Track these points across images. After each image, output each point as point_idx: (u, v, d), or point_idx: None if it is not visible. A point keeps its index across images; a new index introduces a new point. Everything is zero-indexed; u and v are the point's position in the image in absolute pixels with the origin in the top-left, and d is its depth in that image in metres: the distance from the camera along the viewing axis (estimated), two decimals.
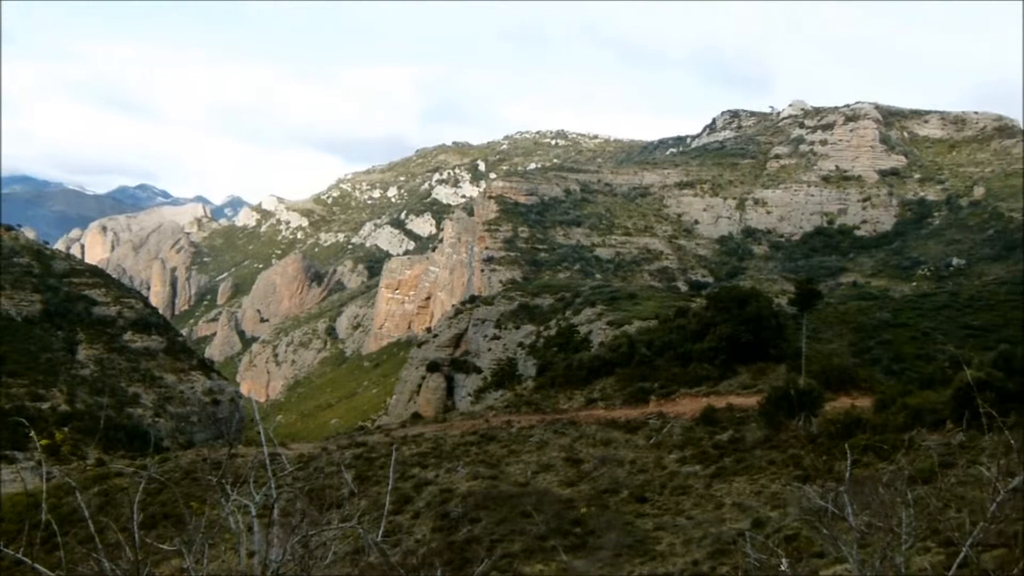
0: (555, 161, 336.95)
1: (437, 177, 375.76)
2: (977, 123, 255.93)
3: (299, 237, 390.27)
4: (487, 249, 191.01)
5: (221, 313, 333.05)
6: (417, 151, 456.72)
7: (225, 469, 10.05)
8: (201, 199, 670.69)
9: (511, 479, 42.08)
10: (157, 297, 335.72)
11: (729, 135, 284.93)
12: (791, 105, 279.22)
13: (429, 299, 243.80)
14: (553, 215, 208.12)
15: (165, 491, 37.79)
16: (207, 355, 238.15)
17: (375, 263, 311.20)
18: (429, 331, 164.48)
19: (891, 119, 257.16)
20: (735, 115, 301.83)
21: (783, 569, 10.76)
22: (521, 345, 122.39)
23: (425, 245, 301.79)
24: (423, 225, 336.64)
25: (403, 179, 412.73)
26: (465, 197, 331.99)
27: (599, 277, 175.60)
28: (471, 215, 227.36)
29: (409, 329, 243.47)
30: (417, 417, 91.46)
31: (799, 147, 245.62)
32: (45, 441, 9.99)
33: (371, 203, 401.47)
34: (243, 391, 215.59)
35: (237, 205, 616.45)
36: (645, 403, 60.17)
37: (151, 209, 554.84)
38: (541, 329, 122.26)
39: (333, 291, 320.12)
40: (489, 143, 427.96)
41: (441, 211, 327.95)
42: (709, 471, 39.60)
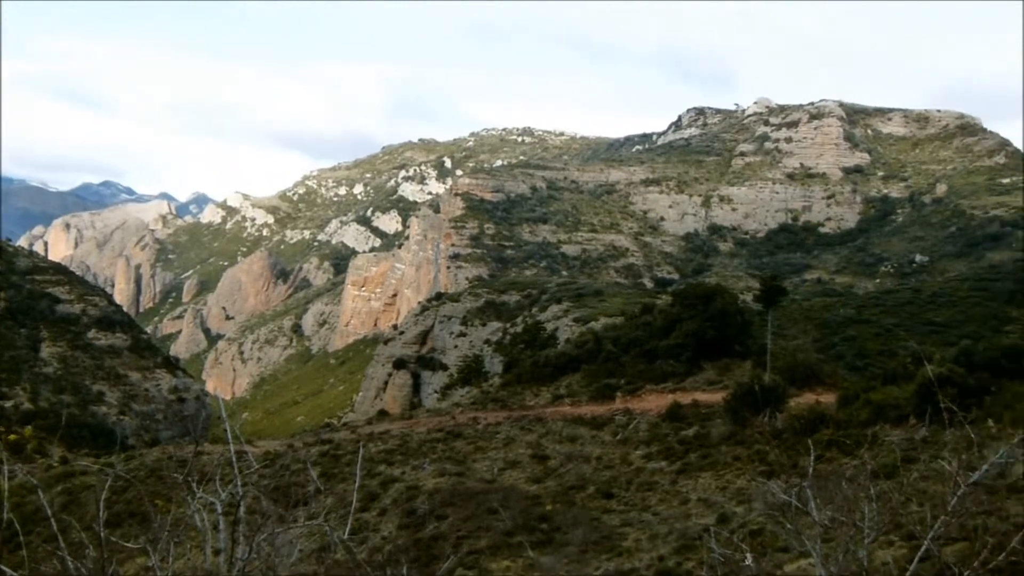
0: (521, 158, 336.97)
1: (403, 174, 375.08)
2: (940, 121, 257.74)
3: (265, 234, 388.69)
4: (453, 246, 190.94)
5: (186, 310, 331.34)
6: (383, 148, 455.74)
7: (191, 467, 10.04)
8: (166, 196, 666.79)
9: (477, 476, 42.08)
10: (121, 294, 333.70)
11: (695, 132, 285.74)
12: (756, 103, 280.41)
13: (395, 296, 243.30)
14: (519, 212, 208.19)
15: (130, 489, 37.51)
16: (172, 353, 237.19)
17: (341, 260, 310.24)
18: (395, 328, 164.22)
19: (855, 117, 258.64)
20: (701, 112, 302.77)
21: (747, 564, 10.82)
22: (487, 342, 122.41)
23: (391, 242, 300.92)
24: (389, 222, 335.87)
25: (369, 176, 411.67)
26: (431, 194, 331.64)
27: (565, 274, 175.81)
28: (437, 212, 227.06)
29: (375, 326, 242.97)
30: (383, 414, 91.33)
31: (764, 144, 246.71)
32: (13, 436, 9.94)
33: (337, 200, 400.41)
34: (208, 389, 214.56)
35: (202, 202, 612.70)
36: (611, 400, 60.30)
37: (115, 206, 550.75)
38: (507, 326, 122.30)
39: (299, 288, 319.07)
40: (455, 140, 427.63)
41: (407, 208, 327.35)
42: (675, 467, 39.74)
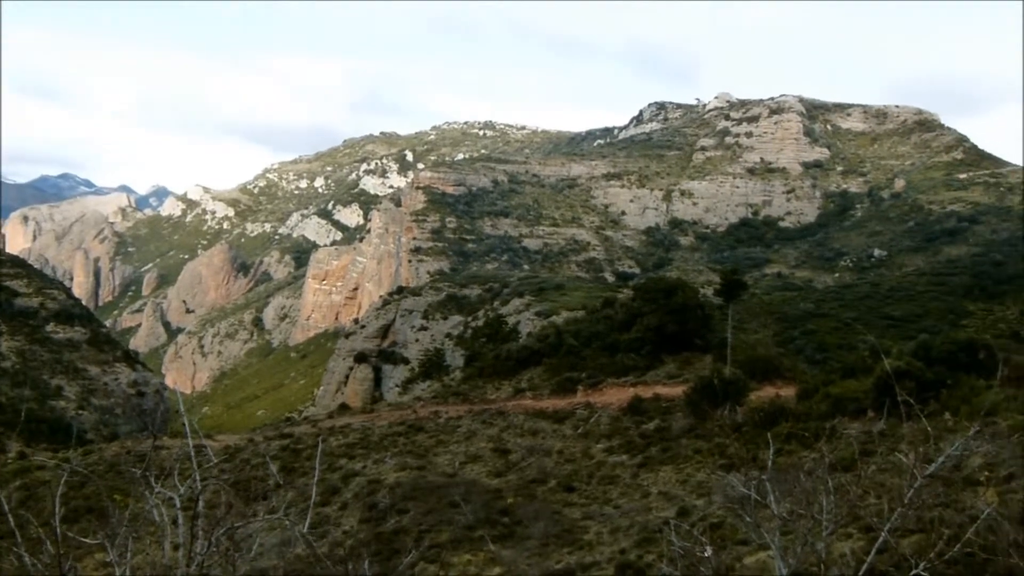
0: (483, 152, 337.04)
1: (365, 167, 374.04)
2: (898, 116, 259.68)
3: (225, 227, 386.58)
4: (415, 240, 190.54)
5: (146, 304, 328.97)
6: (345, 141, 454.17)
7: (149, 461, 9.99)
8: (125, 188, 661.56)
9: (439, 469, 42.06)
10: (80, 288, 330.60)
11: (656, 127, 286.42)
12: (717, 97, 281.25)
13: (356, 290, 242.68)
14: (481, 206, 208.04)
15: (88, 484, 37.28)
16: (132, 347, 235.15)
17: (302, 254, 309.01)
18: (356, 322, 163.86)
19: (815, 112, 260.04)
20: (662, 107, 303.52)
21: (707, 557, 10.88)
22: (449, 336, 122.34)
23: (353, 236, 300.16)
24: (350, 216, 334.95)
25: (330, 169, 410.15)
26: (393, 187, 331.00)
27: (527, 268, 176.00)
28: (399, 206, 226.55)
29: (336, 320, 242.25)
30: (344, 408, 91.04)
31: (725, 139, 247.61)
32: None
33: (298, 193, 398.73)
34: (168, 383, 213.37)
35: (162, 195, 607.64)
36: (573, 393, 60.40)
37: (74, 199, 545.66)
38: (469, 320, 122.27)
39: (260, 282, 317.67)
40: (417, 133, 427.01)
41: (369, 201, 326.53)
42: (636, 460, 39.87)
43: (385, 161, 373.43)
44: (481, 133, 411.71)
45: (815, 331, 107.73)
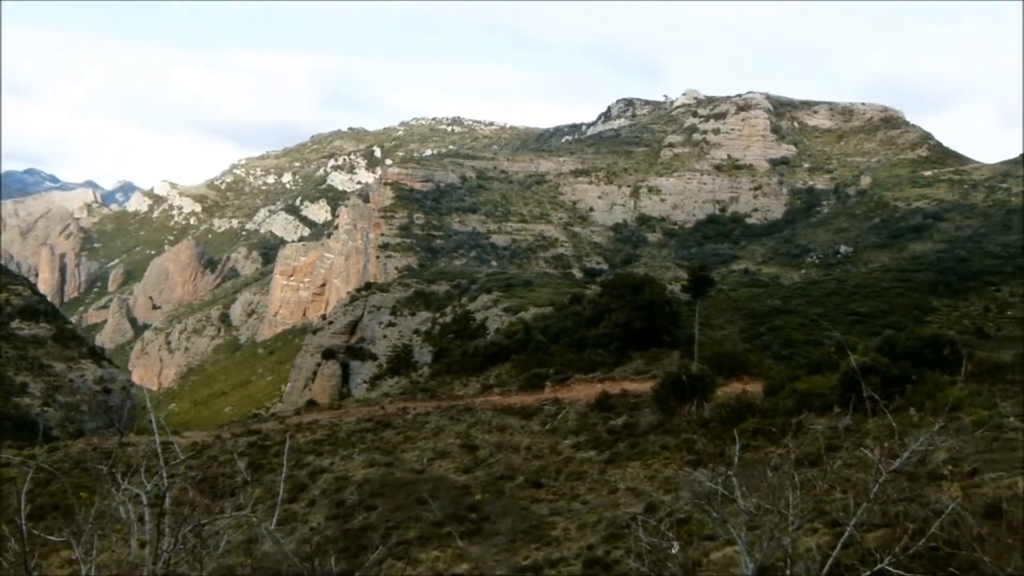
0: (451, 148, 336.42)
1: (332, 163, 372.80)
2: (864, 114, 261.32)
3: (192, 223, 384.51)
4: (383, 236, 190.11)
5: (112, 300, 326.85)
6: (312, 137, 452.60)
7: (116, 458, 9.94)
8: (91, 184, 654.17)
9: (407, 466, 42.00)
10: (46, 284, 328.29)
11: (624, 123, 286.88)
12: (684, 94, 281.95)
13: (324, 286, 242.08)
14: (449, 202, 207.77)
15: (54, 481, 36.97)
16: (98, 343, 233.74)
17: (270, 250, 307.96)
18: (324, 318, 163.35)
19: (782, 109, 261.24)
20: (630, 104, 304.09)
21: (674, 552, 10.91)
22: (417, 332, 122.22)
23: (320, 232, 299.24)
24: (318, 211, 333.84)
25: (298, 165, 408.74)
26: (361, 183, 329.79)
27: (495, 264, 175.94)
28: (366, 202, 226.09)
29: (304, 316, 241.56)
30: (312, 404, 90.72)
31: (692, 136, 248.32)
32: None
33: (265, 189, 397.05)
34: (135, 379, 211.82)
35: (129, 190, 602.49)
36: (540, 389, 60.45)
37: (39, 194, 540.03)
38: (437, 316, 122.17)
39: (227, 278, 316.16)
40: (385, 129, 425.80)
41: (336, 197, 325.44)
42: (603, 456, 39.94)
43: (353, 157, 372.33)
44: (449, 129, 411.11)
45: (782, 327, 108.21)
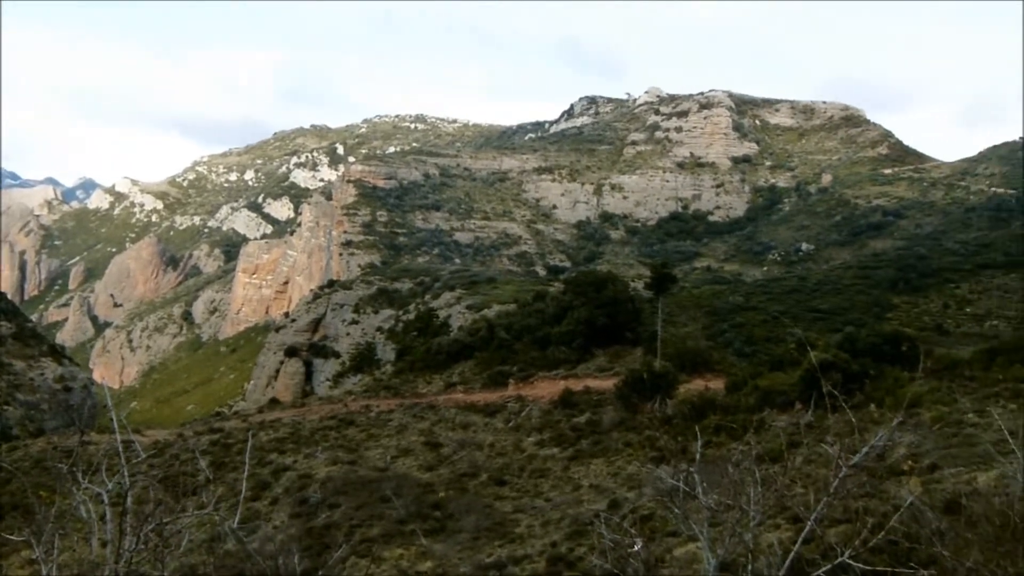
0: (414, 145, 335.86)
1: (295, 160, 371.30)
2: (825, 112, 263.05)
3: (154, 220, 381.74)
4: (345, 233, 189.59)
5: (73, 298, 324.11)
6: (275, 134, 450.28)
7: (76, 457, 9.90)
8: (52, 181, 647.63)
9: (370, 464, 41.97)
10: (5, 282, 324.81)
11: (587, 121, 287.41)
12: (647, 92, 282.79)
13: (287, 283, 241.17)
14: (412, 199, 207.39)
15: (14, 481, 36.68)
16: (58, 341, 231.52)
17: (232, 247, 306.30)
18: (287, 316, 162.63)
19: (743, 107, 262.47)
20: (593, 101, 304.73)
21: (636, 549, 10.96)
22: (380, 329, 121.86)
23: (283, 229, 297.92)
24: (281, 209, 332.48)
25: (260, 162, 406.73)
26: (323, 181, 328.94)
27: (458, 261, 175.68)
28: (329, 199, 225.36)
29: (267, 314, 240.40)
30: (275, 402, 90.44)
31: (655, 134, 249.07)
32: None
33: (228, 186, 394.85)
34: (96, 378, 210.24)
35: (90, 187, 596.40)
36: (504, 386, 60.57)
37: None
38: (400, 313, 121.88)
39: (189, 275, 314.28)
40: (348, 126, 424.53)
41: (299, 195, 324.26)
42: (567, 453, 40.06)
43: (316, 154, 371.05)
44: (412, 126, 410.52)
45: (744, 324, 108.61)
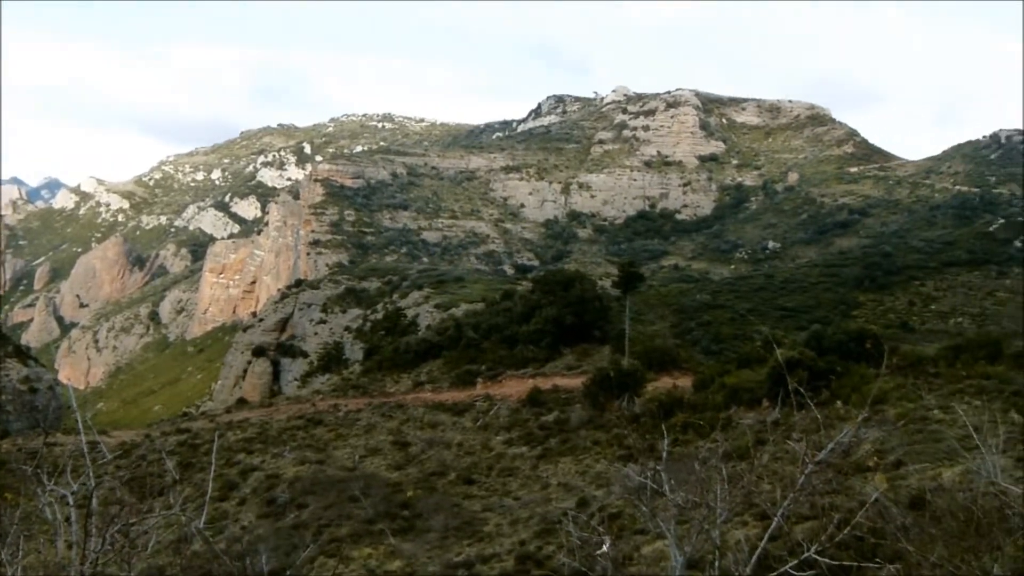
0: (381, 144, 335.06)
1: (262, 159, 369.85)
2: (791, 111, 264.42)
3: (120, 220, 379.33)
4: (313, 232, 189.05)
5: (38, 298, 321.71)
6: (242, 133, 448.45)
7: (41, 459, 9.83)
8: (16, 180, 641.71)
9: (338, 463, 41.90)
10: None
11: (554, 120, 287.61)
12: (615, 91, 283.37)
13: (254, 283, 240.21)
14: (380, 198, 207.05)
15: None
16: (23, 342, 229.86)
17: (199, 247, 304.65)
18: (254, 315, 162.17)
19: (710, 106, 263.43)
20: (560, 100, 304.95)
21: (605, 548, 10.99)
22: (348, 329, 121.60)
23: (250, 228, 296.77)
24: (248, 208, 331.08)
25: (227, 161, 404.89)
26: (291, 180, 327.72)
27: (426, 260, 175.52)
28: (297, 198, 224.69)
29: (234, 313, 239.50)
30: (243, 402, 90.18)
31: (622, 132, 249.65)
32: None
33: (194, 185, 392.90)
34: (62, 378, 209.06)
35: (55, 187, 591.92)
36: (472, 385, 60.57)
37: None
38: (368, 313, 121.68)
39: (156, 275, 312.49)
40: (315, 125, 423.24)
41: (266, 194, 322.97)
42: (535, 452, 40.13)
43: (283, 153, 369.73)
44: (380, 125, 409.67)
45: (711, 322, 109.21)
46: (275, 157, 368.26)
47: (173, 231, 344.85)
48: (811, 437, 10.68)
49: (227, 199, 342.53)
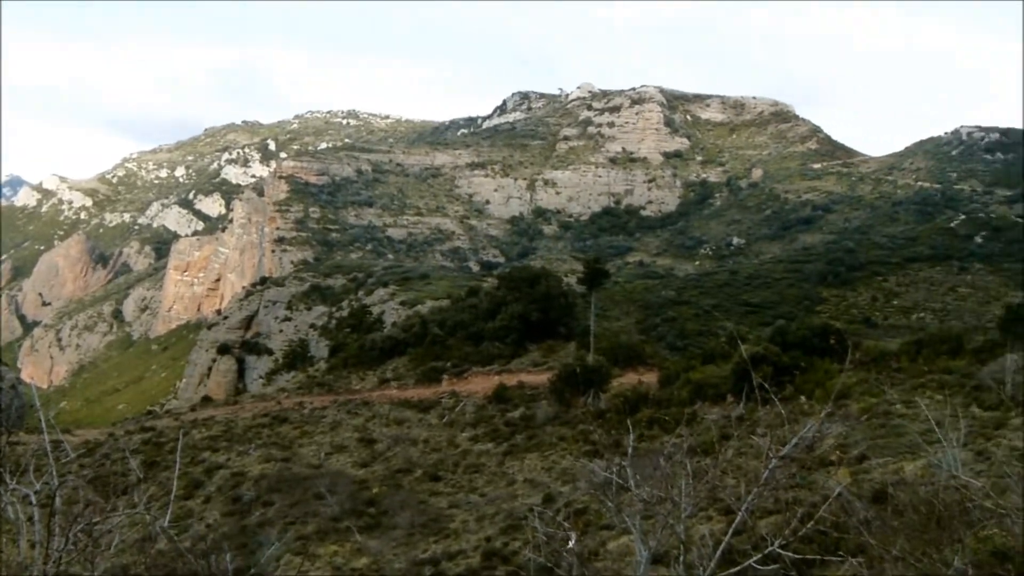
0: (346, 141, 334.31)
1: (226, 157, 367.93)
2: (755, 108, 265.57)
3: (83, 217, 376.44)
4: (278, 230, 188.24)
5: (0, 297, 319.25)
6: (206, 130, 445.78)
7: (3, 458, 9.75)
8: None
9: (304, 461, 41.82)
10: None
11: (520, 117, 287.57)
12: (580, 88, 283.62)
13: (219, 281, 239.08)
14: (345, 195, 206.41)
15: None
16: None
17: (163, 244, 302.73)
18: (219, 313, 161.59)
19: (675, 102, 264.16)
20: (525, 97, 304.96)
21: (571, 544, 11.01)
22: (313, 326, 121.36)
23: (214, 226, 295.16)
24: (212, 205, 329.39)
25: (191, 159, 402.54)
26: (255, 177, 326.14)
27: (391, 257, 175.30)
28: (261, 195, 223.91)
29: (199, 311, 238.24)
30: (207, 400, 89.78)
31: (587, 129, 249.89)
32: None
33: (158, 183, 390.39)
34: (24, 377, 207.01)
35: (16, 184, 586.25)
36: (438, 382, 60.55)
37: None
38: (333, 310, 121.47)
39: (119, 273, 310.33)
40: (279, 122, 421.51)
41: (231, 191, 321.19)
42: (501, 448, 40.18)
43: (247, 150, 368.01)
44: (344, 122, 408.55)
45: (676, 318, 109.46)
46: (239, 154, 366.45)
47: (137, 229, 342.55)
48: (775, 432, 10.73)
49: (191, 196, 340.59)
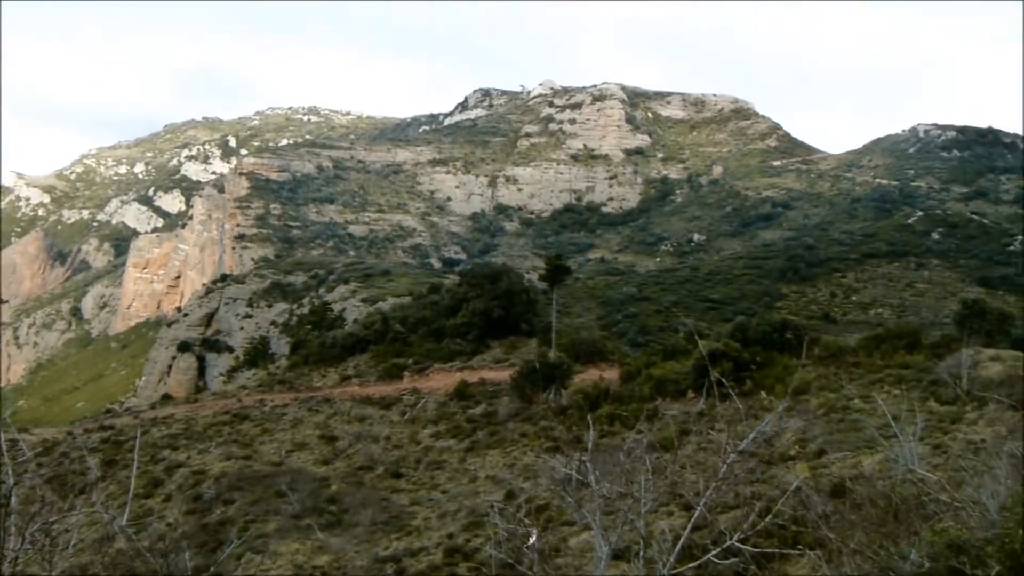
0: (307, 137, 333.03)
1: (186, 153, 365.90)
2: (716, 105, 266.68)
3: (40, 214, 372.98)
4: (238, 226, 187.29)
5: None
6: (166, 127, 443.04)
7: None
8: None
9: (265, 458, 41.68)
10: None
11: (481, 113, 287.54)
12: (541, 84, 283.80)
13: (179, 278, 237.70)
14: (306, 192, 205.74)
15: None
16: None
17: (122, 241, 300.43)
18: (179, 310, 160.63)
19: (636, 99, 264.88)
20: (487, 94, 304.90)
21: (532, 540, 11.05)
22: (274, 323, 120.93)
23: (174, 222, 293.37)
24: (172, 202, 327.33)
25: (151, 155, 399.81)
26: (215, 174, 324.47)
27: (352, 254, 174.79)
28: (222, 192, 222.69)
29: (159, 309, 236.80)
30: (167, 398, 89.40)
31: (549, 126, 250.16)
32: None
33: (117, 179, 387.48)
34: None
35: None
36: (399, 379, 60.51)
37: None
38: (294, 307, 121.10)
39: (78, 270, 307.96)
40: (240, 119, 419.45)
41: (191, 188, 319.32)
42: (463, 445, 40.21)
43: (207, 147, 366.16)
44: (305, 119, 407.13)
45: (637, 314, 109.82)
46: (199, 151, 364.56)
47: (95, 225, 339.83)
48: (734, 427, 10.82)
49: (151, 193, 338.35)
